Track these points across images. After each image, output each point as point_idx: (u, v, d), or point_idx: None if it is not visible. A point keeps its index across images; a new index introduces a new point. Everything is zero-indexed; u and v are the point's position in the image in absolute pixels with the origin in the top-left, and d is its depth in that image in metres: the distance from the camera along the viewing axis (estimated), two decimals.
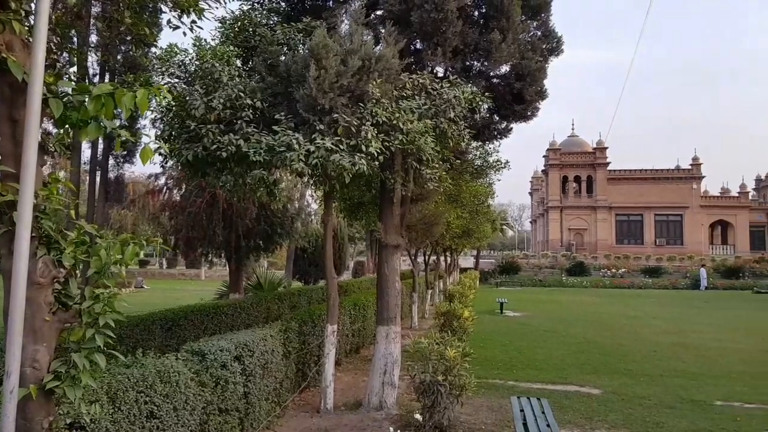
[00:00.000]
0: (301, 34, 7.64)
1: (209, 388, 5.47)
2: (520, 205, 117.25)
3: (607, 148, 59.09)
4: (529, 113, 10.67)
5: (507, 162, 13.82)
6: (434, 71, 9.75)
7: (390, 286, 8.37)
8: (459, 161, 11.24)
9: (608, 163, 59.10)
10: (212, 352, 5.65)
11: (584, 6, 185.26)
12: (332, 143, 6.49)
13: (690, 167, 58.89)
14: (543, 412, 6.33)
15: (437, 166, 8.17)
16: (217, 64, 6.84)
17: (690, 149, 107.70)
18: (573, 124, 71.20)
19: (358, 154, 6.66)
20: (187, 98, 6.76)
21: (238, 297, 14.17)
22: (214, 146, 6.58)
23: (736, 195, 62.64)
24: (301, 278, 24.29)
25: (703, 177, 59.01)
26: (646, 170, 59.79)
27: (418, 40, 9.57)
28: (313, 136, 6.48)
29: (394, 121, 7.13)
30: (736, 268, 44.01)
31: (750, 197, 64.95)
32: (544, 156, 62.82)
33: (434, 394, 6.84)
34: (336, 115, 6.71)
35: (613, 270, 45.44)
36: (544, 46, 10.67)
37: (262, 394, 6.61)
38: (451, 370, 6.92)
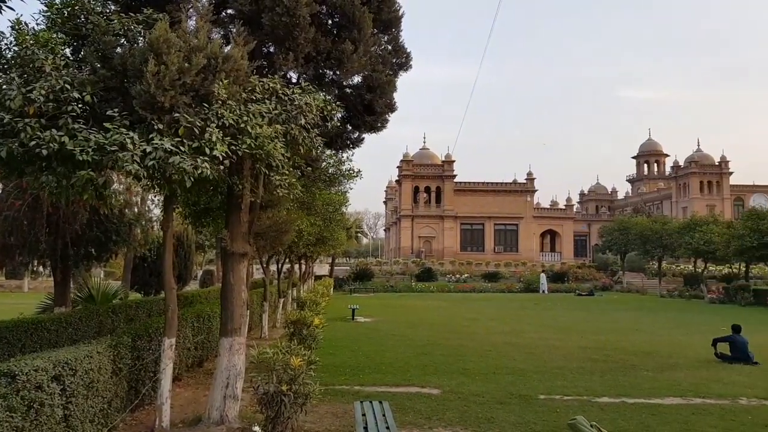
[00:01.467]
0: (141, 26, 7.12)
1: (20, 413, 4.85)
2: (375, 213, 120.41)
3: (454, 161, 62.93)
4: (379, 124, 10.99)
5: (359, 171, 14.09)
6: (287, 76, 9.66)
7: (235, 296, 8.07)
8: (311, 169, 11.22)
9: (455, 176, 62.94)
10: (24, 373, 5.01)
11: (441, 25, 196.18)
12: (172, 144, 6.11)
13: (525, 181, 64.63)
14: (384, 415, 6.49)
15: (287, 172, 8.06)
16: (40, 52, 6.14)
17: (527, 165, 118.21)
18: (425, 138, 75.42)
19: (201, 157, 6.34)
20: (3, 87, 5.99)
21: (64, 310, 12.79)
22: (33, 143, 5.87)
23: (563, 207, 70.04)
24: (141, 289, 22.59)
25: (536, 190, 65.11)
26: (487, 183, 64.53)
27: (270, 43, 9.43)
28: (151, 135, 6.06)
29: (242, 125, 6.90)
30: (562, 273, 49.05)
31: (574, 210, 73.01)
32: (398, 167, 65.20)
33: (278, 404, 6.71)
34: (177, 115, 6.34)
35: (457, 275, 48.32)
36: (394, 61, 11.07)
37: (86, 416, 6.02)
38: (296, 379, 6.84)
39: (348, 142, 11.91)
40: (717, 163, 74.41)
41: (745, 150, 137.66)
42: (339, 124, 11.49)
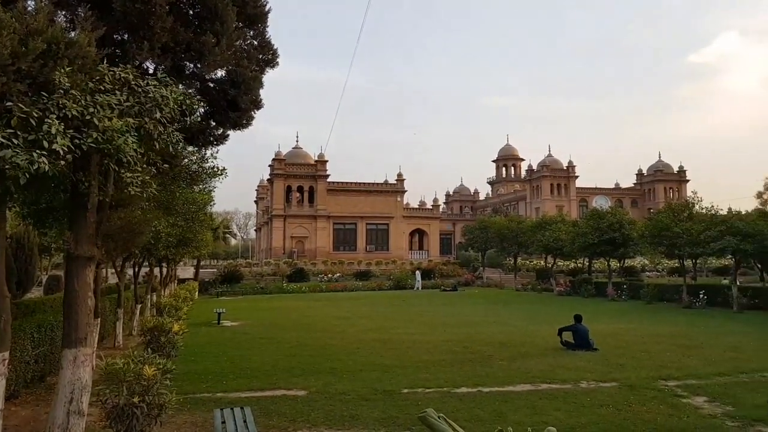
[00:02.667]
0: None
1: None
2: (246, 213, 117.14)
3: (327, 161, 63.06)
4: (244, 121, 10.69)
5: (224, 169, 13.58)
6: (143, 67, 9.05)
7: (80, 303, 7.38)
8: (169, 166, 10.61)
9: (328, 176, 63.10)
10: None
11: (318, 26, 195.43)
12: (3, 136, 5.46)
13: (396, 182, 66.44)
14: (245, 422, 6.31)
15: (141, 169, 7.53)
16: None
17: (396, 165, 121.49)
18: (297, 137, 74.57)
19: (38, 151, 5.73)
20: None
21: None
22: None
23: (430, 208, 73.02)
24: None
25: (406, 191, 67.23)
26: (360, 183, 65.46)
27: (124, 31, 8.78)
28: None
29: (88, 117, 6.35)
30: (429, 270, 51.06)
31: (441, 210, 76.37)
32: (269, 166, 63.97)
33: (129, 417, 6.27)
34: (10, 104, 5.68)
35: (330, 275, 48.48)
36: (260, 56, 10.83)
37: None
38: (149, 390, 6.44)
39: (211, 139, 11.45)
40: (565, 168, 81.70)
41: (588, 155, 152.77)
42: (201, 119, 11.02)
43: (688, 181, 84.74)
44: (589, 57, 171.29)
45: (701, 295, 27.69)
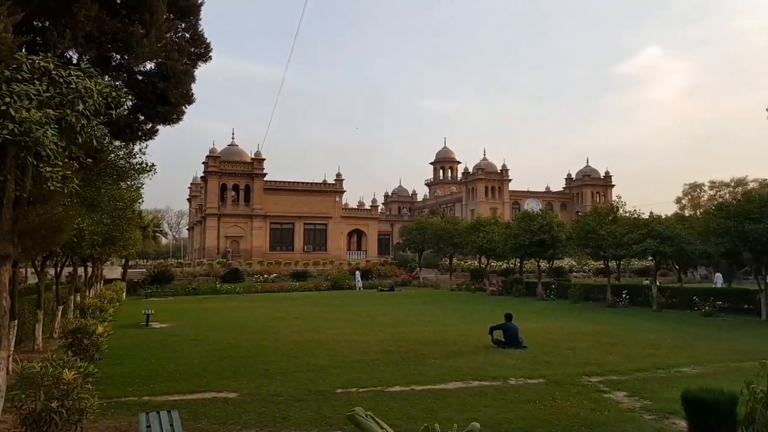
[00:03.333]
0: None
1: None
2: (178, 212, 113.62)
3: (264, 159, 62.06)
4: (174, 116, 10.37)
5: (153, 165, 13.12)
6: (65, 56, 8.63)
7: None
8: (93, 161, 10.15)
9: (265, 174, 62.09)
10: None
11: (256, 21, 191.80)
12: None
13: (334, 182, 66.21)
14: (172, 425, 6.12)
15: (62, 164, 7.17)
16: None
17: (335, 166, 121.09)
18: (233, 134, 72.34)
19: None
20: None
21: None
22: None
23: (369, 208, 73.24)
24: None
25: (344, 191, 67.12)
26: (298, 183, 64.80)
27: (44, 18, 8.34)
28: None
29: (3, 107, 6.01)
30: (367, 270, 51.18)
31: (379, 210, 76.77)
32: (204, 163, 62.30)
33: (46, 423, 5.96)
34: None
35: (266, 275, 47.73)
36: (192, 50, 10.54)
37: None
38: (69, 394, 6.13)
39: (139, 133, 11.05)
40: (499, 171, 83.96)
41: (522, 159, 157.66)
42: (128, 113, 10.62)
43: (613, 186, 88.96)
44: (524, 65, 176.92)
45: (624, 295, 29.16)
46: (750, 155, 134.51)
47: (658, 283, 28.83)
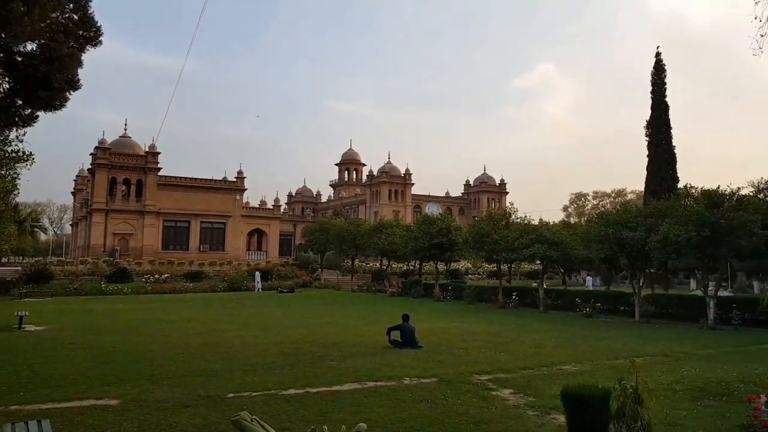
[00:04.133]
0: None
1: None
2: (61, 206, 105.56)
3: (159, 153, 59.08)
4: (57, 102, 9.58)
5: (31, 154, 12.11)
6: None
7: None
8: None
9: (159, 168, 59.14)
10: None
11: (154, 9, 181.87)
12: None
13: (235, 179, 64.36)
14: None
15: None
16: None
17: (237, 163, 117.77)
18: (126, 125, 67.53)
19: None
20: None
21: None
22: None
23: (271, 207, 71.96)
24: None
25: (246, 189, 65.46)
26: (196, 179, 62.32)
27: None
28: None
29: None
30: (267, 271, 50.19)
31: (282, 210, 75.57)
32: (92, 154, 58.29)
33: None
34: None
35: (157, 275, 45.46)
36: (80, 32, 9.80)
37: None
38: None
39: (16, 119, 10.11)
40: (402, 175, 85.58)
41: (424, 165, 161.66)
42: (4, 95, 9.73)
43: (507, 193, 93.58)
44: (427, 73, 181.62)
45: (514, 297, 30.72)
46: (629, 168, 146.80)
47: (545, 286, 30.60)
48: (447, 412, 8.37)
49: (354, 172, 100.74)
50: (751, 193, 21.57)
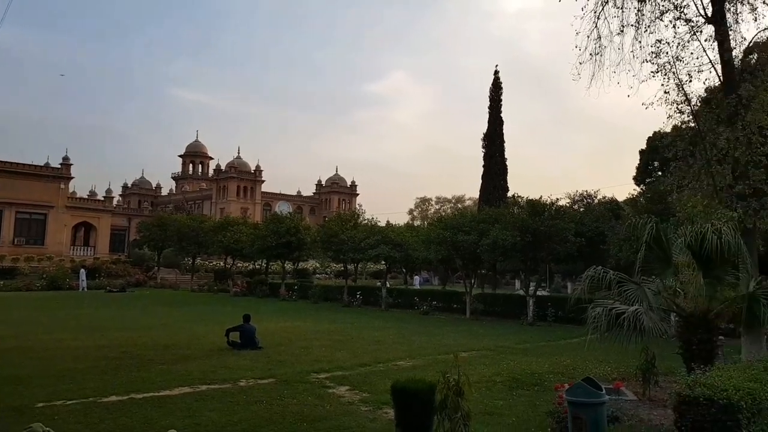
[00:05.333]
0: None
1: None
2: None
3: None
4: None
5: None
6: None
7: None
8: None
9: None
10: None
11: None
12: None
13: (60, 166, 57.95)
14: None
15: None
16: None
17: (63, 149, 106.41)
18: None
19: None
20: None
21: None
22: None
23: (102, 199, 65.98)
24: None
25: (72, 178, 59.25)
26: (11, 163, 55.04)
27: None
28: None
29: None
30: (95, 268, 45.94)
31: (114, 202, 69.65)
32: None
33: None
34: None
35: None
36: None
37: None
38: None
39: None
40: (253, 171, 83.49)
41: (276, 162, 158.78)
42: None
43: (358, 194, 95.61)
44: (281, 70, 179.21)
45: (358, 296, 31.43)
46: (469, 176, 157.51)
47: (388, 285, 31.69)
48: (282, 412, 8.27)
49: (200, 166, 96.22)
50: (567, 204, 24.32)
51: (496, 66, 48.89)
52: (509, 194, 39.20)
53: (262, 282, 39.32)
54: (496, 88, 47.53)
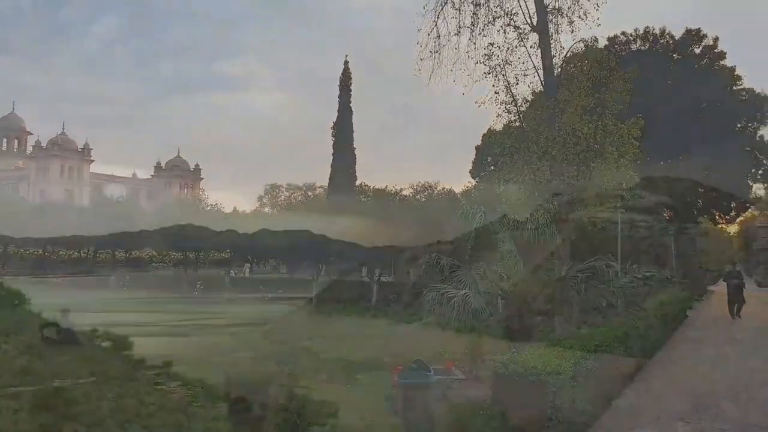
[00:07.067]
0: None
1: None
2: None
3: None
4: None
5: None
6: None
7: None
8: None
9: None
10: None
11: None
12: None
13: None
14: None
15: None
16: None
17: None
18: None
19: None
20: None
21: None
22: None
23: None
24: None
25: None
26: None
27: None
28: None
29: None
30: None
31: None
32: None
33: None
34: None
35: None
36: None
37: None
38: None
39: None
40: (80, 149, 75.60)
41: (114, 142, 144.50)
42: None
43: (202, 179, 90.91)
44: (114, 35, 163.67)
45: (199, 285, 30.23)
46: (322, 164, 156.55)
47: (232, 274, 30.75)
48: None
49: (16, 141, 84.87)
50: (411, 194, 25.43)
51: (346, 56, 49.05)
52: (357, 183, 39.92)
53: None
54: (346, 78, 47.98)
